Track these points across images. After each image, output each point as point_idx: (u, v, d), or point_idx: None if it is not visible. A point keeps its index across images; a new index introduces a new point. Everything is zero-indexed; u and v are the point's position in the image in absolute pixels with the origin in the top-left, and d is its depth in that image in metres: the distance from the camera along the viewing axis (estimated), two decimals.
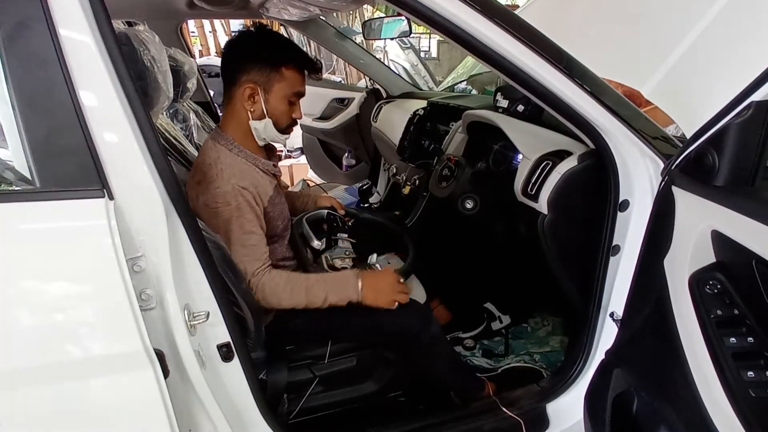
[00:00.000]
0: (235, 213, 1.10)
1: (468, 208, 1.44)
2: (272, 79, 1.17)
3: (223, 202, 1.09)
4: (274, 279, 1.14)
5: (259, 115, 1.19)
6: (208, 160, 1.14)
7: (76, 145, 0.72)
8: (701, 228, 0.77)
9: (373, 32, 2.39)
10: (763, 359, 0.72)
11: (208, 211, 1.09)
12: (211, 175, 1.10)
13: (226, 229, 1.10)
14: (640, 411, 0.96)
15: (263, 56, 1.16)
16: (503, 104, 1.61)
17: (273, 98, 1.19)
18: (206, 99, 2.74)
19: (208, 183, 1.10)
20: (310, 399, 1.33)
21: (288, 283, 1.16)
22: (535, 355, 1.68)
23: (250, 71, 1.16)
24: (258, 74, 1.16)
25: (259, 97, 1.17)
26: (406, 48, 4.72)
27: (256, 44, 1.19)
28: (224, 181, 1.10)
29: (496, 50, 0.94)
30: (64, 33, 0.70)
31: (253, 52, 1.17)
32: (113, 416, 0.79)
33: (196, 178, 1.14)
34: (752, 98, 0.69)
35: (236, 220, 1.10)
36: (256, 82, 1.16)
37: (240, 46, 1.21)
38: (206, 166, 1.13)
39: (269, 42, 1.19)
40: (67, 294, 0.73)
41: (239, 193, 1.10)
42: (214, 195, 1.09)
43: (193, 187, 1.14)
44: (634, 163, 1.07)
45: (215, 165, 1.12)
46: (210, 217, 1.09)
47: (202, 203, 1.10)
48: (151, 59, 1.16)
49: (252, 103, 1.18)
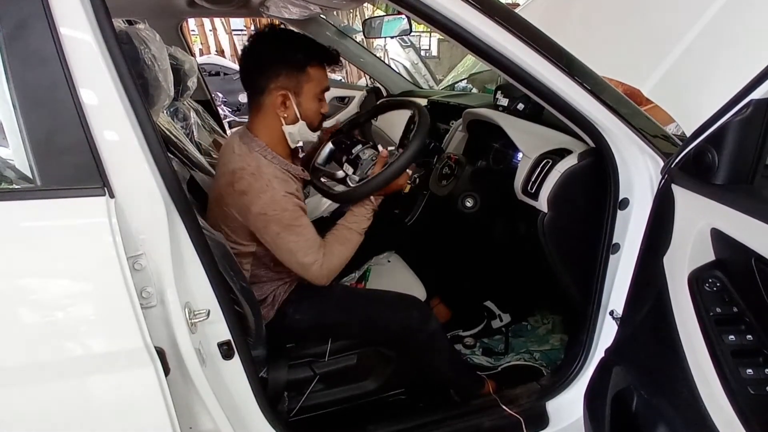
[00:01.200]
0: (293, 215, 1.14)
1: (468, 206, 1.44)
2: (301, 82, 1.17)
3: (281, 208, 1.12)
4: (329, 259, 1.20)
5: (292, 119, 1.19)
6: (249, 169, 1.13)
7: (77, 144, 0.72)
8: (701, 226, 0.77)
9: (374, 31, 2.39)
10: (762, 357, 0.72)
11: (266, 218, 1.12)
12: (259, 186, 1.11)
13: (286, 230, 1.14)
14: (639, 409, 0.96)
15: (288, 60, 1.15)
16: (503, 103, 1.61)
17: (304, 100, 1.19)
18: (206, 97, 2.74)
19: (259, 193, 1.11)
20: (311, 397, 1.34)
21: (338, 255, 1.21)
22: (535, 353, 1.69)
23: (278, 77, 1.15)
24: (286, 79, 1.16)
25: (290, 101, 1.17)
26: (406, 46, 4.71)
27: (278, 49, 1.17)
28: (276, 190, 1.12)
29: (496, 48, 0.94)
30: (65, 31, 0.70)
31: (278, 58, 1.16)
32: (114, 414, 0.79)
33: (238, 186, 1.12)
34: (751, 96, 0.69)
35: (295, 221, 1.15)
36: (286, 87, 1.16)
37: (261, 54, 1.18)
38: (248, 174, 1.12)
39: (290, 44, 1.18)
40: (68, 292, 0.74)
41: (292, 197, 1.15)
42: (269, 203, 1.11)
43: (231, 194, 1.14)
44: (634, 161, 1.07)
45: (260, 175, 1.13)
46: (267, 222, 1.13)
47: (255, 212, 1.11)
48: (152, 58, 1.16)
49: (284, 109, 1.18)
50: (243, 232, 1.19)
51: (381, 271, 1.59)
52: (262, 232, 1.15)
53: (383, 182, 1.20)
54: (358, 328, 1.33)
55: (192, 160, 1.70)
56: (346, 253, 1.23)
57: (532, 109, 1.51)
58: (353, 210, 1.27)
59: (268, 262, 1.25)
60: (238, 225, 1.18)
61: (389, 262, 1.64)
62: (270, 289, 1.28)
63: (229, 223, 1.19)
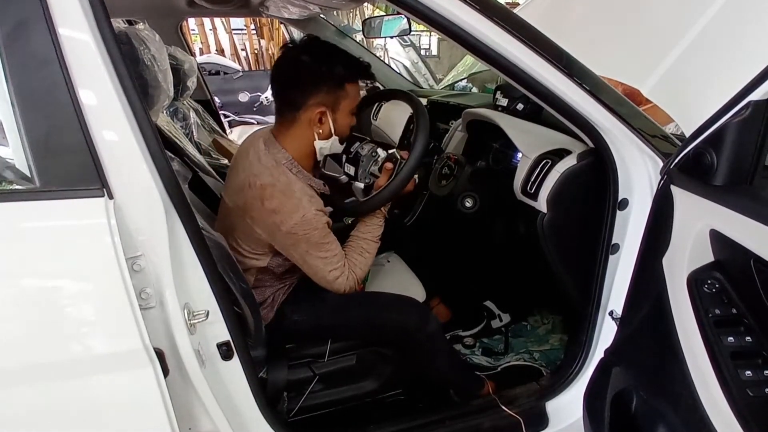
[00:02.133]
0: (322, 233, 1.15)
1: (467, 206, 1.44)
2: (339, 98, 1.16)
3: (312, 227, 1.12)
4: (352, 271, 1.23)
5: (326, 135, 1.19)
6: (279, 186, 1.12)
7: (76, 145, 0.72)
8: (700, 227, 0.77)
9: (373, 30, 2.38)
10: (761, 358, 0.72)
11: (296, 237, 1.12)
12: (291, 206, 1.11)
13: (315, 248, 1.15)
14: (638, 409, 0.96)
15: (328, 77, 1.14)
16: (503, 103, 1.60)
17: (340, 116, 1.19)
18: (206, 97, 2.74)
19: (291, 213, 1.10)
20: (310, 397, 1.34)
21: (359, 266, 1.25)
22: (535, 354, 1.69)
23: (317, 94, 1.14)
24: (326, 96, 1.15)
25: (327, 118, 1.16)
26: (406, 46, 4.71)
27: (319, 65, 1.14)
28: (307, 209, 1.11)
29: (495, 49, 0.94)
30: (64, 32, 0.70)
31: (318, 74, 1.13)
32: (113, 415, 0.79)
33: (269, 204, 1.11)
34: (750, 97, 0.69)
35: (323, 239, 1.16)
36: (325, 104, 1.15)
37: (300, 68, 1.15)
38: (279, 192, 1.11)
39: (330, 59, 1.15)
40: (67, 293, 0.74)
41: (322, 216, 1.15)
42: (300, 223, 1.11)
43: (260, 209, 1.12)
44: (633, 161, 1.06)
45: (291, 193, 1.12)
46: (297, 241, 1.13)
47: (285, 231, 1.11)
48: (152, 58, 1.16)
49: (320, 125, 1.16)
50: (261, 245, 1.19)
51: (380, 272, 1.59)
52: (289, 249, 1.16)
53: (392, 194, 1.21)
54: (357, 329, 1.33)
55: (192, 160, 1.70)
56: (367, 263, 1.27)
57: (531, 109, 1.50)
58: (365, 221, 1.29)
59: (276, 271, 1.25)
60: (257, 237, 1.16)
61: (389, 263, 1.64)
62: (270, 291, 1.28)
63: (247, 234, 1.18)
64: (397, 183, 1.20)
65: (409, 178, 1.21)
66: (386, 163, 1.26)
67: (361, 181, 1.31)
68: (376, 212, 1.28)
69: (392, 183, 1.21)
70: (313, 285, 1.32)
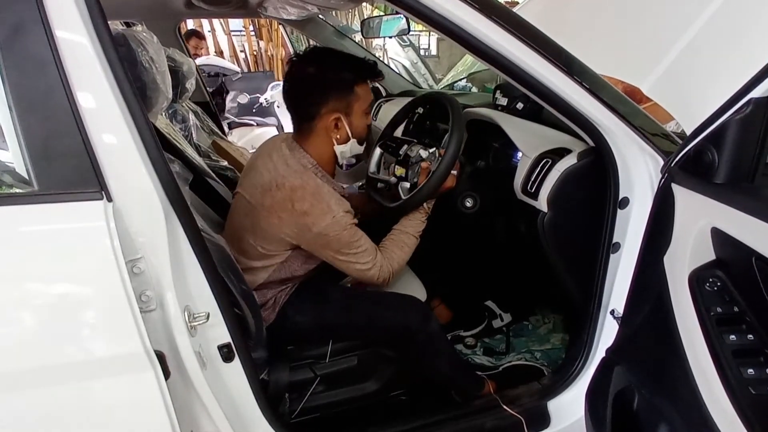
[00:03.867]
0: (351, 232, 1.18)
1: (468, 206, 1.44)
2: (351, 102, 1.20)
3: (341, 228, 1.16)
4: (389, 263, 1.27)
5: (344, 139, 1.22)
6: (309, 189, 1.15)
7: (74, 148, 0.71)
8: (701, 225, 0.76)
9: (372, 31, 2.38)
10: (764, 356, 0.71)
11: (327, 238, 1.15)
12: (322, 208, 1.13)
13: (346, 246, 1.18)
14: (640, 408, 0.96)
15: (336, 84, 1.17)
16: (502, 102, 1.60)
17: (354, 119, 1.22)
18: (205, 99, 2.74)
19: (322, 215, 1.13)
20: (312, 398, 1.34)
21: (396, 259, 1.29)
22: (536, 353, 1.68)
23: (328, 103, 1.17)
24: (337, 102, 1.18)
25: (342, 123, 1.20)
26: (405, 46, 4.71)
27: (325, 73, 1.17)
28: (336, 211, 1.14)
29: (495, 48, 0.93)
30: (61, 35, 0.70)
31: (325, 83, 1.17)
32: (115, 418, 0.79)
33: (299, 206, 1.13)
34: (751, 95, 0.69)
35: (353, 237, 1.19)
36: (338, 110, 1.18)
37: (307, 80, 1.18)
38: (309, 195, 1.14)
39: (334, 66, 1.19)
40: (66, 296, 0.73)
41: (350, 215, 1.18)
42: (332, 224, 1.14)
43: (290, 210, 1.14)
44: (634, 160, 1.06)
45: (320, 196, 1.15)
46: (327, 242, 1.16)
47: (316, 232, 1.14)
48: (150, 60, 1.15)
49: (336, 131, 1.20)
50: (283, 245, 1.19)
51: None
52: (319, 250, 1.19)
53: (431, 191, 1.26)
54: (359, 330, 1.33)
55: (190, 162, 1.70)
56: (405, 257, 1.31)
57: (531, 109, 1.50)
58: (408, 216, 1.34)
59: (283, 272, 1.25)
60: (281, 237, 1.17)
61: None
62: (272, 293, 1.28)
63: (271, 234, 1.18)
64: (434, 181, 1.25)
65: (444, 175, 1.26)
66: (422, 163, 1.32)
67: (410, 181, 1.36)
68: (419, 209, 1.32)
69: (429, 181, 1.26)
70: (315, 286, 1.32)
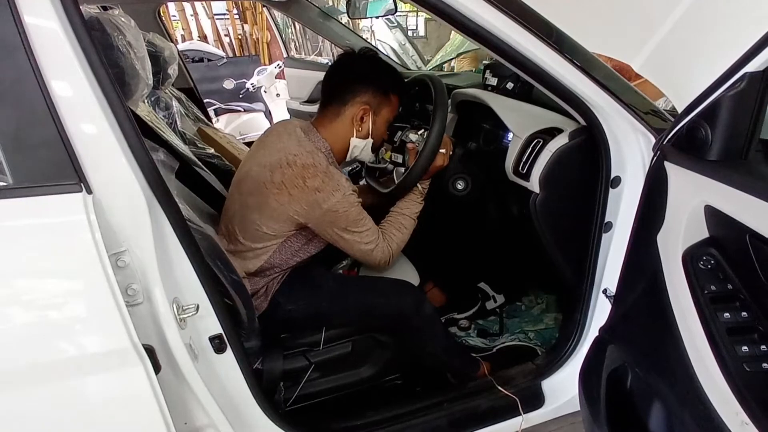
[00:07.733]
0: (358, 209, 1.23)
1: (459, 188, 1.42)
2: (382, 104, 1.27)
3: (349, 204, 1.20)
4: (389, 245, 1.31)
5: (364, 134, 1.28)
6: (321, 167, 1.17)
7: (48, 138, 0.69)
8: (694, 203, 0.76)
9: (358, 11, 2.33)
10: (757, 333, 0.72)
11: (336, 215, 1.19)
12: (333, 185, 1.17)
13: (353, 224, 1.22)
14: (634, 386, 0.97)
15: (379, 81, 1.25)
16: (492, 82, 1.58)
17: (379, 120, 1.29)
18: (189, 85, 2.67)
19: (333, 191, 1.17)
20: (307, 386, 1.34)
21: (396, 240, 1.32)
22: (530, 333, 1.70)
23: (365, 94, 1.24)
24: (372, 97, 1.25)
25: (368, 118, 1.25)
26: (393, 27, 4.64)
27: (373, 69, 1.27)
28: (346, 188, 1.19)
29: (484, 26, 0.91)
30: (30, 20, 0.66)
31: (370, 77, 1.25)
32: (105, 414, 0.78)
33: (311, 183, 1.16)
34: (746, 69, 0.67)
35: (359, 215, 1.24)
36: (370, 104, 1.25)
37: (355, 70, 1.27)
38: (321, 173, 1.17)
39: (382, 68, 1.29)
40: (49, 293, 0.71)
41: (356, 195, 1.23)
42: (341, 201, 1.18)
43: (301, 187, 1.16)
44: (626, 138, 1.05)
45: (331, 174, 1.18)
46: (336, 218, 1.20)
47: (326, 208, 1.17)
48: (127, 45, 1.11)
49: (361, 123, 1.26)
50: (289, 223, 1.20)
51: None
52: (326, 227, 1.22)
53: (421, 171, 1.29)
54: (352, 316, 1.33)
55: (175, 151, 1.66)
56: (404, 238, 1.35)
57: (521, 88, 1.48)
58: (404, 198, 1.37)
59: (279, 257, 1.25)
60: (290, 215, 1.18)
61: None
62: (264, 281, 1.26)
63: (279, 212, 1.18)
64: (422, 160, 1.28)
65: (431, 153, 1.28)
66: (408, 144, 1.36)
67: (405, 165, 1.38)
68: (413, 190, 1.35)
69: (418, 161, 1.29)
70: (308, 273, 1.31)
